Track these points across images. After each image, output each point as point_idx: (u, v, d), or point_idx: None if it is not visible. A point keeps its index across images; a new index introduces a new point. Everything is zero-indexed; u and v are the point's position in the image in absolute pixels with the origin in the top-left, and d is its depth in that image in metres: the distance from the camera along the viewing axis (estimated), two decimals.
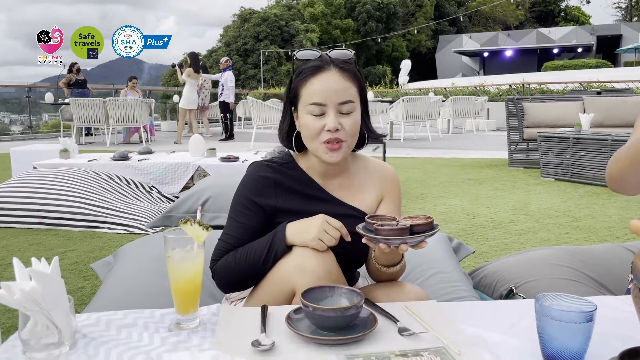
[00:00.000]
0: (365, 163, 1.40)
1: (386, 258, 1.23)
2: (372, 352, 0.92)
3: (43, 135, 13.57)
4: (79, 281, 2.65)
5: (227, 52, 35.55)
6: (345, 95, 1.23)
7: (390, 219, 1.15)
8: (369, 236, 1.08)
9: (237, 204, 1.31)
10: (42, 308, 0.90)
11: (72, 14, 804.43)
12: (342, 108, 1.23)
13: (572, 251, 2.01)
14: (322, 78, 1.23)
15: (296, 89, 1.27)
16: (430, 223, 1.09)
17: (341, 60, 1.27)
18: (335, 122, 1.21)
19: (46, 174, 4.05)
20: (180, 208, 3.36)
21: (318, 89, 1.22)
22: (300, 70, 1.27)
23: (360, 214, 1.32)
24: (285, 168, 1.33)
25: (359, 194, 1.36)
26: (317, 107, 1.22)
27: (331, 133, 1.22)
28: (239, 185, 1.32)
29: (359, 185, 1.37)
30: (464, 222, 3.90)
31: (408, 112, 10.84)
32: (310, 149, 1.28)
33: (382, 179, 1.39)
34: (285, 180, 1.31)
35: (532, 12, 47.48)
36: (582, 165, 5.62)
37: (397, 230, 1.06)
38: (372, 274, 1.34)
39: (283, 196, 1.29)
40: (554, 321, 0.88)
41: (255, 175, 1.30)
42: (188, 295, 1.05)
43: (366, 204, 1.36)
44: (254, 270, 1.22)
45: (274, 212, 1.29)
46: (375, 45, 39.82)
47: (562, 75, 21.95)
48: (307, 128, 1.24)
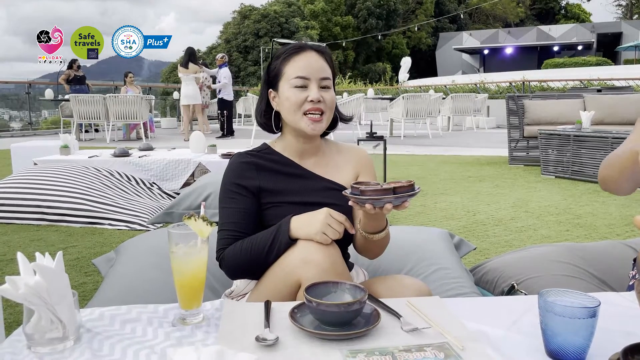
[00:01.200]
0: (337, 147, 1.50)
1: (372, 224, 1.26)
2: (375, 347, 0.92)
3: (42, 131, 13.57)
4: (80, 277, 2.65)
5: (227, 48, 35.52)
6: (324, 72, 1.35)
7: (374, 185, 1.19)
8: (356, 197, 1.13)
9: (225, 192, 1.36)
10: (47, 302, 0.90)
11: (72, 10, 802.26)
12: (322, 82, 1.34)
13: (573, 248, 2.02)
14: (304, 56, 1.35)
15: (278, 69, 1.37)
16: (412, 185, 1.15)
17: (317, 45, 1.42)
18: (318, 94, 1.32)
19: (47, 170, 4.05)
20: (181, 204, 3.36)
21: (302, 64, 1.33)
22: (281, 52, 1.38)
23: (339, 187, 1.38)
24: (263, 153, 1.41)
25: (335, 171, 1.43)
26: (302, 80, 1.32)
27: (314, 104, 1.31)
28: (224, 176, 1.39)
29: (334, 164, 1.45)
30: (464, 219, 3.91)
31: (408, 109, 10.84)
32: (292, 122, 1.35)
33: (356, 158, 1.47)
34: (265, 163, 1.39)
35: (533, 9, 47.42)
36: (582, 163, 5.62)
37: (382, 191, 1.12)
38: (359, 246, 1.38)
39: (265, 176, 1.37)
40: (558, 317, 0.88)
41: (236, 162, 1.39)
42: (192, 291, 1.06)
43: (343, 179, 1.42)
44: (259, 261, 1.25)
45: (259, 192, 1.35)
46: (375, 42, 39.76)
47: (562, 73, 21.95)
48: (290, 100, 1.33)
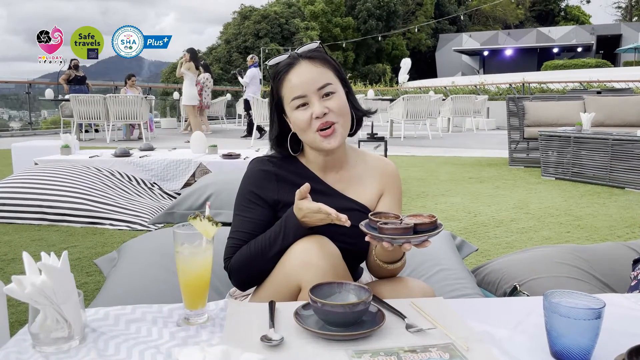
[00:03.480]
0: (365, 157, 1.41)
1: (387, 255, 1.23)
2: (380, 348, 0.92)
3: (42, 131, 13.56)
4: (82, 277, 2.65)
5: (227, 49, 35.51)
6: (321, 79, 1.25)
7: (394, 217, 1.14)
8: (373, 234, 1.08)
9: (241, 200, 1.32)
10: (53, 302, 0.90)
11: (72, 9, 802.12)
12: (323, 91, 1.25)
13: (575, 249, 2.02)
14: (295, 72, 1.26)
15: (278, 92, 1.30)
16: (434, 222, 1.09)
17: (307, 51, 1.30)
18: (321, 108, 1.24)
19: (48, 170, 4.05)
20: (182, 205, 3.36)
21: (294, 83, 1.25)
22: (275, 73, 1.30)
23: (360, 207, 1.33)
24: (285, 162, 1.35)
25: (358, 187, 1.36)
26: (300, 99, 1.25)
27: (320, 120, 1.24)
28: (242, 181, 1.33)
29: (358, 178, 1.37)
30: (465, 221, 3.91)
31: (408, 110, 10.84)
32: (307, 142, 1.30)
33: (382, 174, 1.39)
34: (285, 174, 1.32)
35: (532, 11, 47.44)
36: (582, 165, 5.63)
37: (401, 230, 1.06)
38: (372, 269, 1.35)
39: (284, 189, 1.30)
40: (563, 318, 0.88)
41: (256, 169, 1.33)
42: (197, 291, 1.06)
43: (366, 197, 1.36)
44: (269, 254, 1.21)
45: (275, 204, 1.30)
46: (375, 43, 39.77)
47: (562, 75, 21.97)
48: (297, 123, 1.26)
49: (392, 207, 1.37)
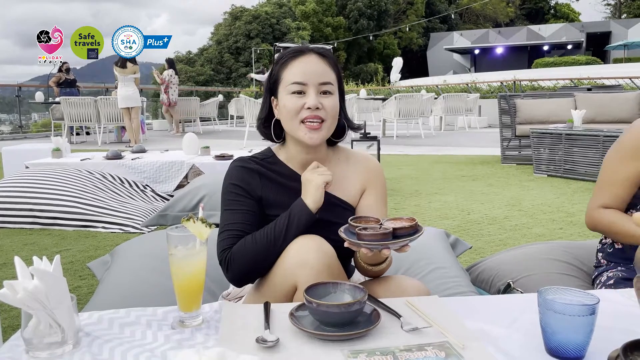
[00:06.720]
0: (347, 154, 1.42)
1: (370, 259, 1.25)
2: (376, 347, 0.92)
3: (33, 135, 13.45)
4: (75, 280, 2.63)
5: (218, 50, 35.42)
6: (324, 76, 1.27)
7: (374, 221, 1.14)
8: (351, 240, 1.08)
9: (227, 195, 1.32)
10: (46, 307, 0.90)
11: (63, 12, 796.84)
12: (322, 88, 1.27)
13: (567, 246, 2.03)
14: (303, 60, 1.28)
15: (277, 74, 1.31)
16: (414, 226, 1.07)
17: (319, 47, 1.33)
18: (316, 101, 1.25)
19: (39, 174, 4.02)
20: (175, 207, 3.35)
21: (299, 69, 1.27)
22: (281, 56, 1.31)
23: (343, 204, 1.35)
24: (267, 162, 1.36)
25: (341, 185, 1.37)
26: (298, 85, 1.26)
27: (311, 111, 1.25)
28: (224, 180, 1.34)
29: (340, 176, 1.37)
30: (459, 219, 3.92)
31: (400, 109, 10.86)
32: (290, 131, 1.30)
33: (364, 170, 1.40)
34: (267, 172, 1.34)
35: (522, 9, 47.69)
36: (574, 161, 5.66)
37: (380, 235, 1.05)
38: (359, 270, 1.35)
39: (267, 187, 1.32)
40: (557, 314, 0.88)
41: (238, 167, 1.34)
42: (191, 293, 1.05)
43: (349, 194, 1.37)
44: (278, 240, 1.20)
45: (260, 200, 1.31)
46: (366, 42, 39.81)
47: (552, 72, 22.07)
48: (286, 107, 1.27)
49: (375, 203, 1.38)
